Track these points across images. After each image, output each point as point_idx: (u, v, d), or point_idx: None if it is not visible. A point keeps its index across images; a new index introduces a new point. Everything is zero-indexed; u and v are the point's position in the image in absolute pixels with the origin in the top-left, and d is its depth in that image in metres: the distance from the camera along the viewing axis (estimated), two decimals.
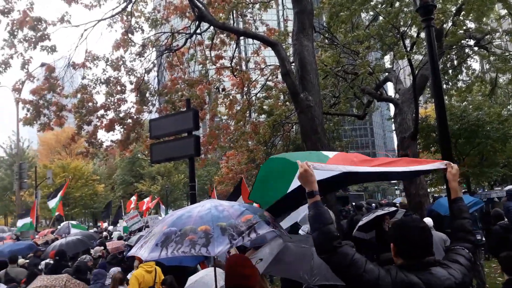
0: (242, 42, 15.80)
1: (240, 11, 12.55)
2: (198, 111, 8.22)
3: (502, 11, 13.55)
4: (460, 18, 11.42)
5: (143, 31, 11.66)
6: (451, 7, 11.19)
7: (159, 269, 6.77)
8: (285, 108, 16.14)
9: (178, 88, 12.77)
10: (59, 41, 10.41)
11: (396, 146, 14.68)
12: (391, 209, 7.85)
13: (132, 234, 14.06)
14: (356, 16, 12.91)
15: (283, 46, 10.49)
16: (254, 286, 2.96)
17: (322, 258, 2.22)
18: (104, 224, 26.41)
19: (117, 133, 12.08)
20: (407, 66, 11.94)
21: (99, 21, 10.38)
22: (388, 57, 14.56)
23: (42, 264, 8.69)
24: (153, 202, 23.81)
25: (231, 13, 12.08)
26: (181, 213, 3.39)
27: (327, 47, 13.82)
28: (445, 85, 15.53)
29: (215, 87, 13.95)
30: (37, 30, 9.39)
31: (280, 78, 13.78)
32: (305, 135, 8.33)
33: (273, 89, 16.26)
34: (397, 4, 10.62)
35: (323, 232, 2.21)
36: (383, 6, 11.35)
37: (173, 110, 11.84)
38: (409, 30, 11.64)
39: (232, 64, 13.41)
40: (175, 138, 7.71)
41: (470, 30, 12.75)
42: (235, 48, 13.11)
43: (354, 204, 11.46)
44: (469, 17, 11.37)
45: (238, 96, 16.08)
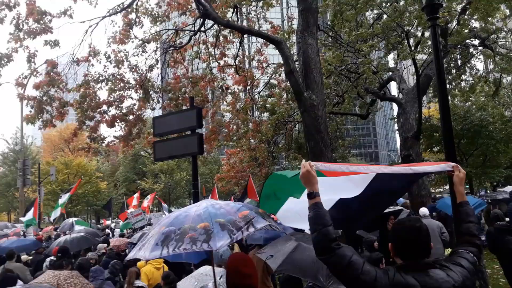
0: (246, 40, 15.78)
1: (243, 7, 12.52)
2: (202, 109, 8.24)
3: (508, 11, 13.50)
4: (465, 17, 11.38)
5: (143, 26, 11.64)
6: (457, 6, 11.15)
7: (166, 268, 6.81)
8: (288, 107, 16.13)
9: (182, 86, 12.77)
10: (64, 38, 10.40)
11: (399, 146, 14.66)
12: (397, 208, 7.83)
13: (135, 232, 14.11)
14: (361, 15, 12.89)
15: (287, 44, 10.48)
16: (255, 285, 2.98)
17: (321, 259, 2.23)
18: (107, 222, 26.51)
19: (119, 129, 12.09)
20: (411, 66, 11.92)
21: (104, 18, 10.38)
22: (392, 56, 14.55)
23: (47, 261, 8.72)
24: (150, 198, 23.86)
25: (236, 11, 12.07)
26: (178, 214, 3.46)
27: (331, 46, 13.80)
28: (449, 85, 15.50)
29: (218, 86, 13.95)
30: (42, 24, 9.40)
31: (284, 77, 13.76)
32: (308, 134, 8.30)
33: (276, 88, 16.25)
34: (402, 3, 10.59)
35: (322, 234, 2.22)
36: (388, 5, 11.33)
37: (176, 108, 11.84)
38: (414, 30, 11.62)
39: (236, 62, 13.41)
40: (179, 136, 7.74)
41: (475, 30, 12.71)
42: (239, 46, 13.10)
43: None
44: (474, 16, 11.32)
45: (241, 95, 16.08)
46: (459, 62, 15.55)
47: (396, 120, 15.00)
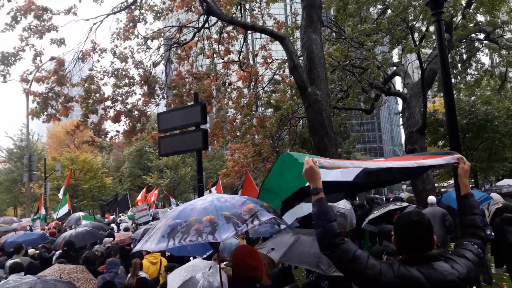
0: (250, 37, 15.77)
1: (247, 3, 12.51)
2: (206, 105, 8.26)
3: None
4: (470, 11, 11.30)
5: (146, 22, 11.67)
6: (461, 0, 11.08)
7: (165, 261, 6.88)
8: (292, 102, 16.13)
9: (186, 82, 12.81)
10: (69, 36, 10.47)
11: (404, 141, 14.63)
12: (403, 205, 7.85)
13: (139, 227, 14.21)
14: (364, 10, 12.83)
15: (291, 40, 10.47)
16: (260, 277, 3.03)
17: (325, 254, 2.26)
18: (111, 217, 26.66)
19: (123, 124, 12.20)
20: (416, 60, 11.86)
21: (108, 15, 10.41)
22: (396, 51, 14.48)
23: (57, 255, 8.83)
24: (155, 194, 24.00)
25: (239, 7, 12.05)
26: (184, 207, 3.51)
27: (335, 41, 13.76)
28: (454, 79, 15.42)
29: (222, 82, 13.97)
30: (42, 20, 9.44)
31: (288, 72, 13.75)
32: (313, 130, 8.31)
33: (280, 83, 16.24)
34: None
35: (326, 229, 2.24)
36: (392, 0, 11.27)
37: (181, 104, 11.89)
38: (419, 24, 11.55)
39: (240, 58, 13.41)
40: (183, 132, 7.77)
41: (480, 24, 12.62)
42: (243, 43, 13.09)
43: (368, 198, 11.43)
44: (480, 10, 11.23)
45: (245, 90, 16.09)
46: (464, 56, 15.45)
47: (401, 115, 14.96)
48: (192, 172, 48.10)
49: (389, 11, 11.08)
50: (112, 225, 18.73)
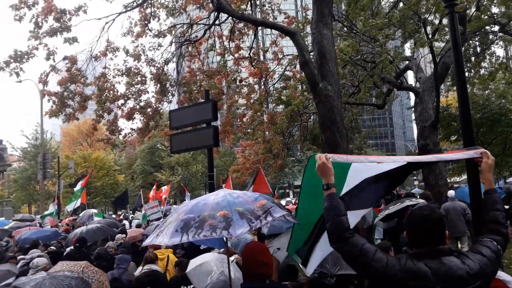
0: (260, 33, 15.73)
1: (259, 1, 12.50)
2: (217, 102, 8.28)
3: None
4: (484, 3, 11.08)
5: (159, 19, 11.74)
6: None
7: (172, 257, 6.91)
8: (303, 98, 16.05)
9: (197, 79, 12.85)
10: (81, 34, 10.58)
11: (416, 136, 14.46)
12: (419, 201, 7.71)
13: (151, 224, 14.30)
14: (376, 3, 12.69)
15: (302, 35, 10.41)
16: (271, 274, 3.03)
17: (335, 248, 2.30)
18: (120, 215, 26.82)
19: (137, 122, 12.33)
20: (428, 54, 11.70)
21: (120, 14, 10.48)
22: (409, 45, 14.29)
23: (67, 251, 8.94)
24: (167, 190, 24.15)
25: (250, 3, 12.02)
26: (197, 202, 3.50)
27: (346, 36, 13.63)
28: (467, 73, 15.18)
29: (233, 79, 13.97)
30: (63, 22, 9.60)
31: (298, 68, 13.69)
32: (324, 125, 8.27)
33: (291, 79, 16.17)
34: None
35: (336, 223, 2.29)
36: None
37: (191, 101, 11.95)
38: (432, 17, 11.38)
39: (251, 54, 13.39)
40: (194, 129, 7.80)
41: (495, 16, 12.37)
42: (253, 39, 13.06)
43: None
44: (494, 1, 11.00)
45: (256, 87, 16.07)
46: (478, 49, 15.19)
47: (413, 110, 14.79)
48: (203, 169, 48.33)
49: (401, 4, 10.92)
50: (124, 222, 18.93)
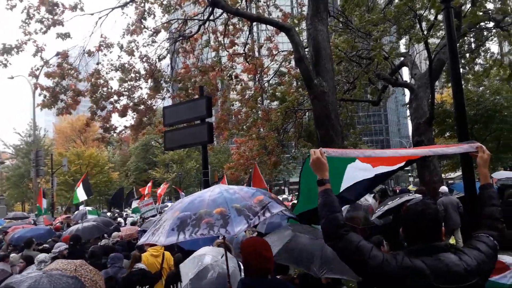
0: (255, 28, 15.65)
1: None
2: (211, 98, 8.22)
3: None
4: None
5: (155, 16, 11.66)
6: None
7: (168, 254, 6.85)
8: (298, 94, 16.01)
9: (191, 75, 12.77)
10: (74, 30, 10.49)
11: (411, 133, 14.49)
12: (417, 196, 7.70)
13: (145, 221, 14.22)
14: None
15: (297, 31, 10.34)
16: (272, 268, 3.02)
17: (329, 245, 2.26)
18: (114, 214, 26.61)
19: (130, 119, 12.28)
20: (424, 51, 11.69)
21: (113, 9, 10.39)
22: (404, 41, 14.27)
23: (61, 249, 8.84)
24: (163, 188, 24.06)
25: None
26: (192, 199, 3.43)
27: (341, 32, 13.58)
28: (462, 69, 15.20)
29: (228, 75, 13.89)
30: (55, 14, 9.53)
31: (293, 64, 13.63)
32: (319, 122, 8.24)
33: (286, 75, 16.11)
34: None
35: (330, 220, 2.25)
36: None
37: (187, 97, 11.87)
38: (427, 13, 11.35)
39: (245, 50, 13.31)
40: (189, 125, 7.74)
41: (490, 12, 12.37)
42: (248, 34, 12.98)
43: (378, 190, 11.31)
44: None
45: (251, 83, 16.00)
46: (473, 46, 15.20)
47: (408, 106, 14.80)
48: (198, 166, 48.25)
49: (397, 0, 10.89)
50: (119, 219, 18.81)
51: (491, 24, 13.42)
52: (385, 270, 2.03)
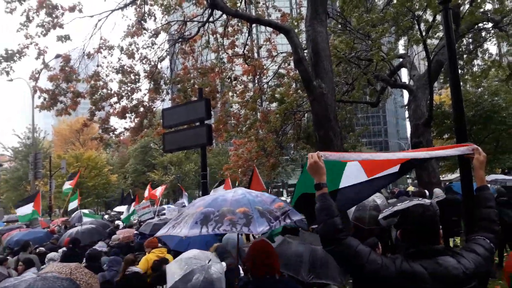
0: (254, 30, 15.67)
1: None
2: (210, 100, 8.22)
3: None
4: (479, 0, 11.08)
5: (156, 18, 11.68)
6: None
7: (171, 258, 6.84)
8: (297, 96, 16.00)
9: (191, 77, 12.79)
10: (74, 32, 10.51)
11: (409, 134, 14.50)
12: (426, 201, 7.66)
13: (145, 223, 14.13)
14: (370, 0, 12.66)
15: (296, 32, 10.36)
16: (275, 273, 3.06)
17: (327, 250, 2.23)
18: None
19: (129, 121, 12.28)
20: (422, 52, 11.71)
21: (113, 11, 10.41)
22: (402, 42, 14.30)
23: (60, 252, 8.81)
24: (161, 190, 23.99)
25: (244, 0, 11.96)
26: (215, 197, 3.60)
27: (340, 33, 13.61)
28: (460, 70, 15.22)
29: (227, 77, 13.90)
30: (55, 17, 9.55)
31: (293, 66, 13.64)
32: (318, 124, 8.24)
33: (285, 77, 16.12)
34: None
35: (328, 225, 2.22)
36: None
37: (185, 99, 11.88)
38: (425, 14, 11.37)
39: (245, 52, 13.32)
40: (188, 127, 7.73)
41: (488, 13, 12.40)
42: (248, 36, 13.00)
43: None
44: None
45: (250, 85, 15.99)
46: (471, 47, 15.23)
47: (407, 107, 14.82)
48: (196, 168, 48.17)
49: (395, 1, 10.90)
50: (117, 222, 18.72)
51: (490, 25, 13.45)
52: (384, 275, 2.02)
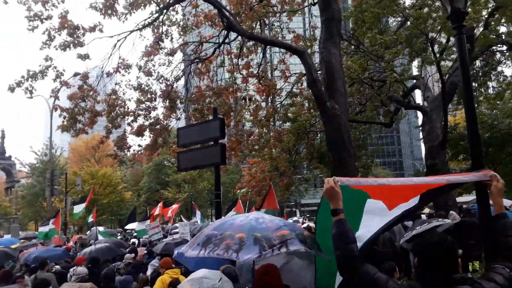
0: (268, 50, 15.93)
1: (268, 21, 12.71)
2: (224, 120, 8.33)
3: None
4: (492, 23, 11.09)
5: (173, 39, 11.98)
6: (483, 11, 10.87)
7: (183, 278, 6.81)
8: (309, 115, 16.05)
9: (206, 96, 13.00)
10: (93, 52, 10.85)
11: (424, 155, 14.35)
12: (446, 221, 7.49)
13: (156, 242, 14.11)
14: (382, 22, 12.78)
15: (309, 53, 10.49)
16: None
17: (345, 278, 2.23)
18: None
19: (146, 139, 12.49)
20: (436, 73, 11.71)
21: (132, 32, 10.72)
22: (416, 63, 14.32)
23: (71, 272, 8.82)
24: (175, 209, 23.97)
25: (259, 22, 12.21)
26: (225, 220, 3.68)
27: (353, 53, 13.71)
28: (474, 92, 15.13)
29: (242, 97, 14.09)
30: (76, 37, 9.87)
31: (305, 85, 13.77)
32: (331, 144, 8.26)
33: (298, 96, 16.22)
34: (426, 10, 10.43)
35: (345, 251, 2.21)
36: (411, 10, 11.16)
37: (201, 118, 12.05)
38: (438, 37, 11.42)
39: (259, 72, 13.51)
40: (202, 146, 7.82)
41: (503, 36, 12.39)
42: (262, 57, 13.21)
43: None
44: (502, 21, 10.97)
45: (263, 104, 16.14)
46: (486, 69, 15.16)
47: (421, 129, 14.72)
48: (210, 186, 48.17)
49: (408, 23, 10.98)
50: (133, 240, 18.70)
51: (504, 48, 13.41)
52: None
